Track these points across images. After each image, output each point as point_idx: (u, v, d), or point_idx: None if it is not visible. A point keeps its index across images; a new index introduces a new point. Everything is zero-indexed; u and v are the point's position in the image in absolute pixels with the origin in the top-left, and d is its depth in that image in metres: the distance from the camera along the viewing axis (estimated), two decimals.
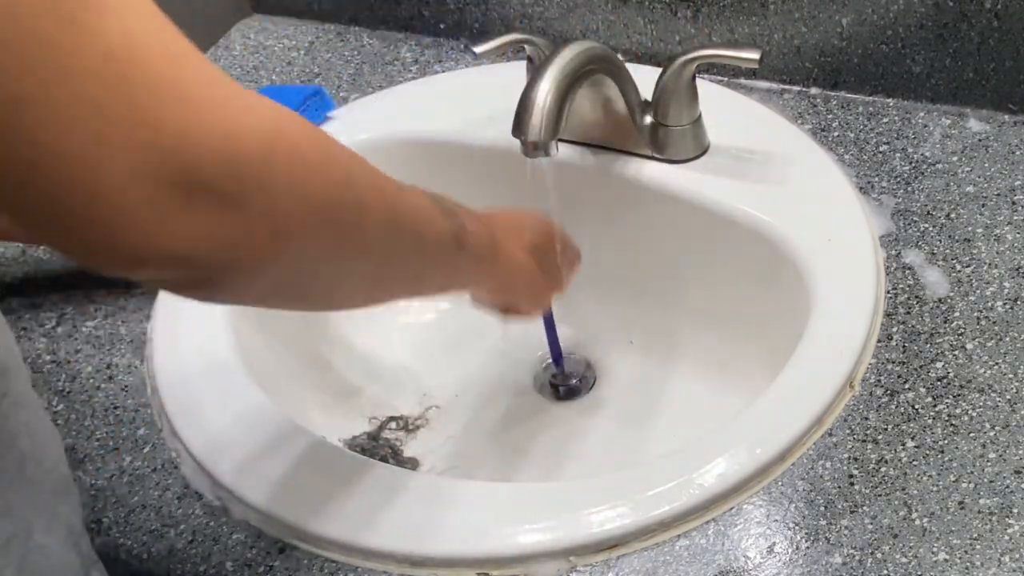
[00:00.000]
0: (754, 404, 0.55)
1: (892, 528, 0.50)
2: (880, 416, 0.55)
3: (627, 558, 0.51)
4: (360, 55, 0.89)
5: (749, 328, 0.70)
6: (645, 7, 0.78)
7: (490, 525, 0.52)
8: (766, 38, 0.76)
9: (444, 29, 0.89)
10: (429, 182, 0.79)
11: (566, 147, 0.72)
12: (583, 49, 0.61)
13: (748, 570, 0.49)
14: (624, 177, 0.71)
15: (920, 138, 0.71)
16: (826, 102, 0.76)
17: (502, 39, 0.67)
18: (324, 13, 0.93)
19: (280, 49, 0.91)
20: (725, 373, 0.72)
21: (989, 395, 0.55)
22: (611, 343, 0.78)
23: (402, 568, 0.52)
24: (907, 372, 0.57)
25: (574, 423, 0.74)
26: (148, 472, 0.58)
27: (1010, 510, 0.49)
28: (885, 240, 0.64)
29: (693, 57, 0.65)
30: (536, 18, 0.83)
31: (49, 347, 0.66)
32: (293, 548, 0.53)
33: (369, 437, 0.69)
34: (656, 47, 0.80)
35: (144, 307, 0.68)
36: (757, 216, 0.66)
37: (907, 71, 0.73)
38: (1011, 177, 0.67)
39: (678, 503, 0.51)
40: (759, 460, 0.52)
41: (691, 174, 0.70)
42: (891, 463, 0.52)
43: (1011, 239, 0.63)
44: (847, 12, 0.72)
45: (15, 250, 0.74)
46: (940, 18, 0.69)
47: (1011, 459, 0.51)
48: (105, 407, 0.62)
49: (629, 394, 0.75)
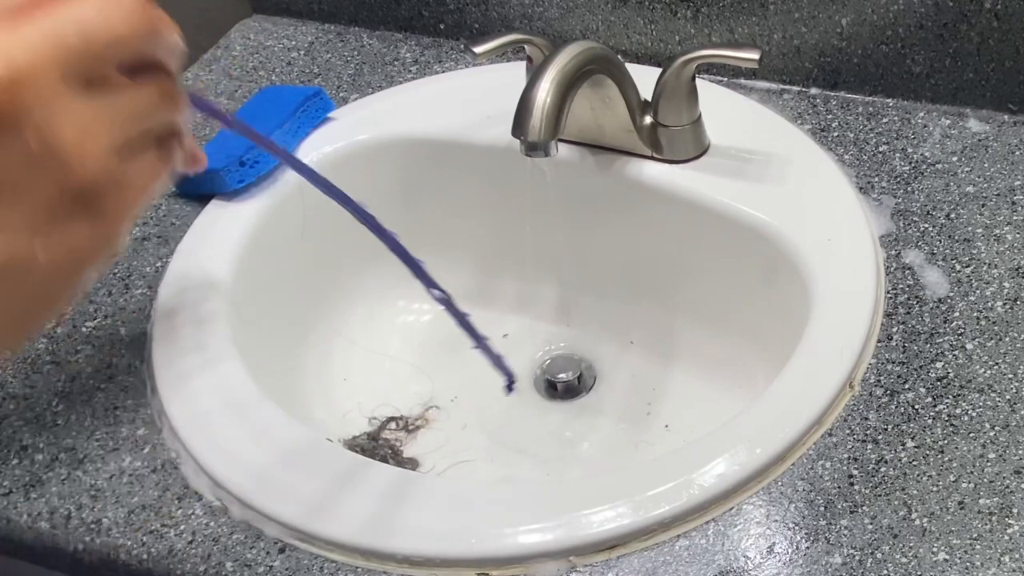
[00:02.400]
0: (754, 404, 0.55)
1: (892, 528, 0.50)
2: (880, 416, 0.55)
3: (627, 558, 0.51)
4: (360, 55, 0.89)
5: (749, 328, 0.70)
6: (645, 7, 0.78)
7: (490, 525, 0.52)
8: (766, 38, 0.76)
9: (444, 29, 0.89)
10: (429, 182, 0.79)
11: (566, 147, 0.72)
12: (583, 49, 0.61)
13: (748, 570, 0.49)
14: (624, 177, 0.71)
15: (920, 138, 0.71)
16: (826, 102, 0.76)
17: (502, 39, 0.67)
18: (324, 13, 0.93)
19: (280, 49, 0.91)
20: (725, 373, 0.72)
21: (989, 395, 0.55)
22: (611, 343, 0.78)
23: (402, 568, 0.52)
24: (907, 372, 0.57)
25: (574, 423, 0.74)
26: (148, 472, 0.58)
27: (1010, 510, 0.49)
28: (885, 240, 0.64)
29: (693, 57, 0.65)
30: (536, 18, 0.83)
31: (49, 347, 0.66)
32: (293, 548, 0.53)
33: (369, 437, 0.69)
34: (656, 47, 0.80)
35: (144, 307, 0.68)
36: (757, 216, 0.66)
37: (907, 71, 0.73)
38: (1011, 177, 0.67)
39: (678, 503, 0.51)
40: (759, 460, 0.52)
41: (691, 174, 0.70)
42: (891, 463, 0.52)
43: (1011, 239, 0.63)
44: (847, 12, 0.72)
45: None
46: (940, 18, 0.69)
47: (1011, 459, 0.51)
48: (105, 407, 0.62)
49: (629, 394, 0.75)
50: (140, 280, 0.70)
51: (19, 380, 0.64)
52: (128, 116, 0.32)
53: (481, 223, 0.80)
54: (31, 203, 0.30)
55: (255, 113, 0.78)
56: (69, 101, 0.30)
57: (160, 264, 0.71)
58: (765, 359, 0.66)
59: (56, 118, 0.29)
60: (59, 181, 0.30)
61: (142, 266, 0.71)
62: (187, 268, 0.69)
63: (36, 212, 0.30)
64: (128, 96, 0.32)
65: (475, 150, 0.76)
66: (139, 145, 0.33)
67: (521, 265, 0.79)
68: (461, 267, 0.82)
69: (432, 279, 0.52)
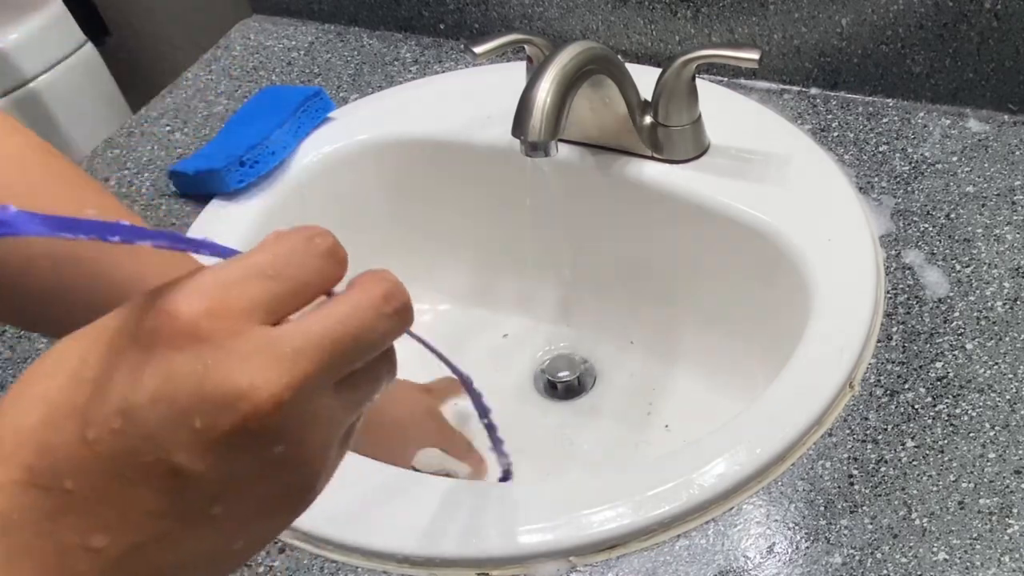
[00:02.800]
0: (754, 404, 0.55)
1: (892, 528, 0.50)
2: (880, 416, 0.55)
3: (627, 558, 0.51)
4: (360, 55, 0.89)
5: (749, 328, 0.70)
6: (645, 7, 0.78)
7: (490, 525, 0.52)
8: (766, 38, 0.76)
9: (444, 29, 0.89)
10: (429, 182, 0.79)
11: (566, 147, 0.72)
12: (583, 49, 0.61)
13: (748, 570, 0.49)
14: (624, 177, 0.71)
15: (920, 138, 0.71)
16: (826, 102, 0.76)
17: (502, 39, 0.67)
18: (324, 13, 0.93)
19: (280, 49, 0.91)
20: (725, 373, 0.72)
21: (989, 395, 0.55)
22: (611, 343, 0.78)
23: (402, 568, 0.52)
24: (907, 372, 0.57)
25: (574, 423, 0.74)
26: None
27: (1010, 510, 0.49)
28: (885, 240, 0.64)
29: (693, 57, 0.65)
30: (536, 18, 0.83)
31: (49, 347, 0.66)
32: (293, 548, 0.53)
33: None
34: (656, 47, 0.80)
35: None
36: (757, 216, 0.66)
37: (907, 71, 0.73)
38: (1011, 177, 0.67)
39: (678, 503, 0.51)
40: (759, 460, 0.52)
41: (691, 174, 0.70)
42: (891, 463, 0.52)
43: (1011, 239, 0.63)
44: (847, 12, 0.72)
45: None
46: (940, 18, 0.69)
47: (1011, 459, 0.51)
48: None
49: (629, 394, 0.75)
50: None
51: None
52: (359, 406, 0.30)
53: (481, 223, 0.80)
54: (255, 500, 0.28)
55: (255, 113, 0.78)
56: (323, 407, 0.28)
57: None
58: (765, 359, 0.65)
59: (308, 428, 0.27)
60: (290, 482, 0.28)
61: None
62: None
63: (255, 507, 0.28)
64: (366, 389, 0.30)
65: (475, 150, 0.76)
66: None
67: (521, 265, 0.79)
68: (461, 267, 0.82)
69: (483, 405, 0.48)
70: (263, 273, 0.27)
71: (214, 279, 0.27)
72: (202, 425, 0.25)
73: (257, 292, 0.27)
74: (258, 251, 0.28)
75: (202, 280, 0.27)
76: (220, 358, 0.26)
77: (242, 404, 0.25)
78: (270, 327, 0.27)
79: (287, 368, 0.26)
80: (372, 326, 0.29)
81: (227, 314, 0.26)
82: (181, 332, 0.26)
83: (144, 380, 0.26)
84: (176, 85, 0.88)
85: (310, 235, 0.29)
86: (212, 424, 0.25)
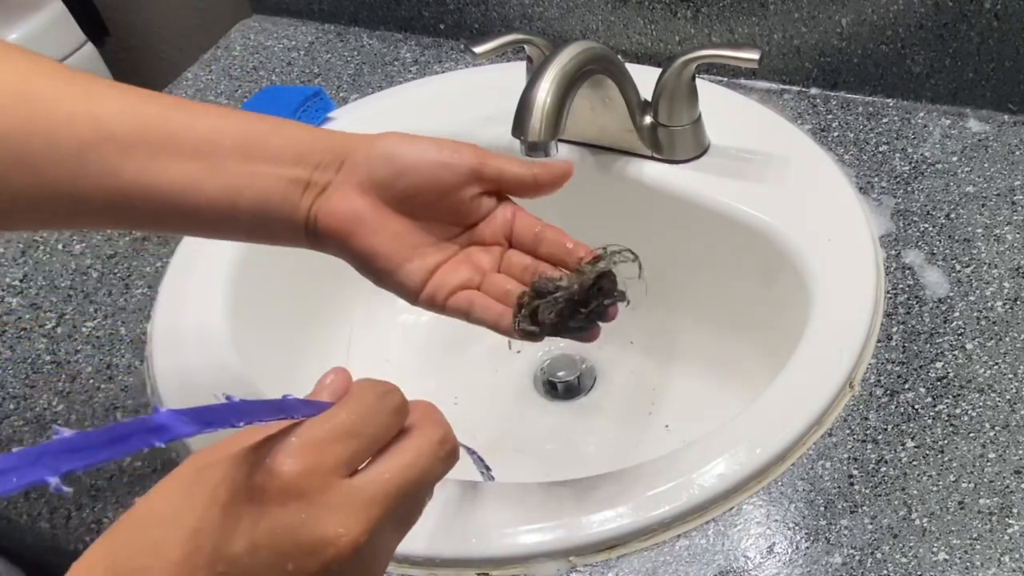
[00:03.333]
0: (754, 404, 0.55)
1: (892, 528, 0.49)
2: (880, 416, 0.55)
3: (627, 558, 0.51)
4: (360, 55, 0.89)
5: (749, 328, 0.70)
6: (645, 7, 0.78)
7: (490, 525, 0.52)
8: (766, 38, 0.76)
9: (444, 29, 0.89)
10: None
11: (566, 147, 0.72)
12: (583, 49, 0.61)
13: (748, 570, 0.49)
14: (624, 177, 0.71)
15: (920, 138, 0.71)
16: (826, 102, 0.76)
17: (502, 39, 0.67)
18: (324, 13, 0.93)
19: (280, 49, 0.91)
20: (725, 373, 0.72)
21: (989, 395, 0.55)
22: (611, 343, 0.78)
23: (402, 568, 0.52)
24: (907, 372, 0.57)
25: (574, 423, 0.74)
26: (148, 472, 0.58)
27: (1010, 510, 0.49)
28: (885, 240, 0.64)
29: (693, 57, 0.65)
30: (536, 18, 0.83)
31: (49, 347, 0.66)
32: None
33: None
34: (656, 47, 0.80)
35: (144, 307, 0.68)
36: (757, 216, 0.66)
37: (907, 71, 0.73)
38: (1011, 177, 0.67)
39: (678, 503, 0.51)
40: (759, 460, 0.52)
41: (691, 174, 0.70)
42: (891, 463, 0.52)
43: (1011, 239, 0.63)
44: (847, 12, 0.72)
45: (15, 250, 0.74)
46: (940, 18, 0.69)
47: (1011, 459, 0.51)
48: (105, 407, 0.62)
49: (629, 394, 0.75)
50: (140, 280, 0.70)
51: (19, 380, 0.64)
52: (407, 531, 0.37)
53: None
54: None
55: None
56: (385, 540, 0.35)
57: (160, 264, 0.71)
58: (765, 359, 0.65)
59: (374, 559, 0.34)
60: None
61: (142, 266, 0.71)
62: (187, 268, 0.69)
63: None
64: (415, 519, 0.37)
65: None
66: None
67: None
68: None
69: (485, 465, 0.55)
70: (348, 433, 0.34)
71: (309, 439, 0.33)
72: (294, 568, 0.32)
73: (341, 451, 0.33)
74: (342, 409, 0.34)
75: (298, 441, 0.33)
76: (312, 513, 0.32)
77: (329, 550, 0.32)
78: (350, 479, 0.33)
79: (364, 517, 0.33)
80: (431, 469, 0.35)
81: (319, 471, 0.32)
82: (283, 490, 0.32)
83: (255, 532, 0.32)
84: (176, 85, 0.88)
85: (383, 392, 0.36)
86: (302, 566, 0.32)
